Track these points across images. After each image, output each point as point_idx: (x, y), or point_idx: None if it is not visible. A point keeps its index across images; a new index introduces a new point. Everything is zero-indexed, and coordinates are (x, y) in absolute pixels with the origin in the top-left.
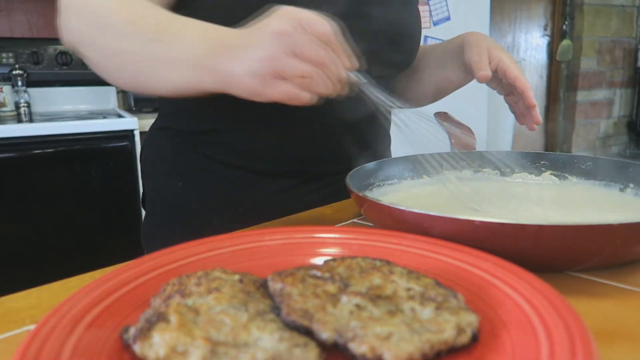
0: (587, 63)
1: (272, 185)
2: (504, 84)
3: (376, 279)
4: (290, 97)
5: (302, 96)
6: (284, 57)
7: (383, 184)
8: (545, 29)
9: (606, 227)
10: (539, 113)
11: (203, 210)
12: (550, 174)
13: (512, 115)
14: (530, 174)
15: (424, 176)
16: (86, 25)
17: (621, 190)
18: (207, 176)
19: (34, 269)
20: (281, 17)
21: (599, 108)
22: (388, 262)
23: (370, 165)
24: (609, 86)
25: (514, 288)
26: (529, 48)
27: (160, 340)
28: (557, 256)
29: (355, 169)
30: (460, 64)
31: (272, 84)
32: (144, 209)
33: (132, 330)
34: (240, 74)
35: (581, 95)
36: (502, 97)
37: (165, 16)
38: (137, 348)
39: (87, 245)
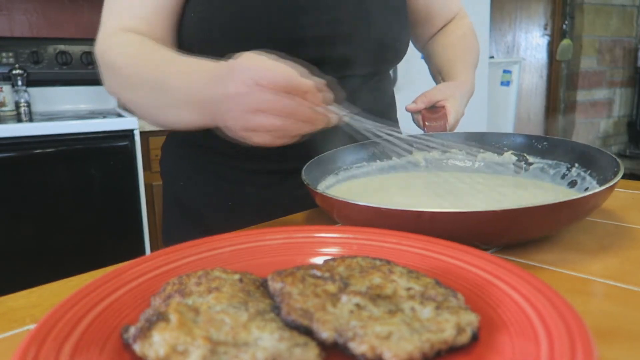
0: (587, 62)
1: (263, 180)
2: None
3: (376, 279)
4: (267, 144)
5: (278, 142)
6: (247, 116)
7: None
8: (545, 29)
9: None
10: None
11: (205, 206)
12: (511, 153)
13: (511, 114)
14: (494, 153)
15: (377, 160)
16: (112, 81)
17: (567, 169)
18: (206, 174)
19: (34, 268)
20: (235, 79)
21: (599, 107)
22: (388, 262)
23: (327, 154)
24: (609, 85)
25: (514, 288)
26: (529, 47)
27: (160, 340)
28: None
29: (311, 160)
30: (439, 78)
31: (249, 136)
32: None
33: (132, 330)
34: (224, 124)
35: (581, 95)
36: (501, 96)
37: (162, 61)
38: (137, 347)
39: (87, 245)
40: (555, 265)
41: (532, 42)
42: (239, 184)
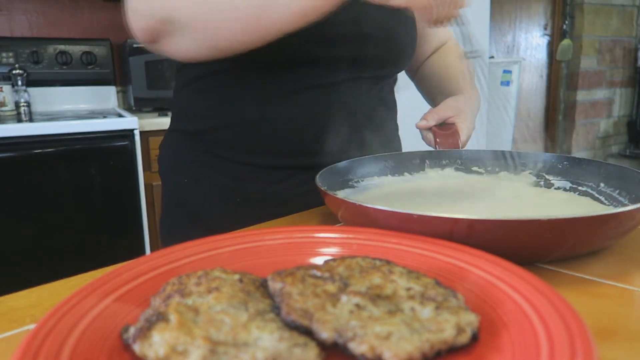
0: (587, 62)
1: (268, 177)
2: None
3: (376, 279)
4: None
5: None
6: None
7: (357, 183)
8: (545, 29)
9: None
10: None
11: (207, 204)
12: (529, 172)
13: (511, 114)
14: (511, 172)
15: (388, 175)
16: None
17: (592, 189)
18: (210, 171)
19: (34, 268)
20: None
21: (599, 107)
22: (388, 262)
23: (343, 164)
24: (609, 85)
25: (514, 288)
26: (529, 47)
27: (160, 340)
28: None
29: (326, 168)
30: (442, 98)
31: None
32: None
33: (132, 330)
34: None
35: (581, 95)
36: (501, 96)
37: None
38: (137, 347)
39: (87, 245)
40: (555, 265)
41: (532, 42)
42: (243, 180)
